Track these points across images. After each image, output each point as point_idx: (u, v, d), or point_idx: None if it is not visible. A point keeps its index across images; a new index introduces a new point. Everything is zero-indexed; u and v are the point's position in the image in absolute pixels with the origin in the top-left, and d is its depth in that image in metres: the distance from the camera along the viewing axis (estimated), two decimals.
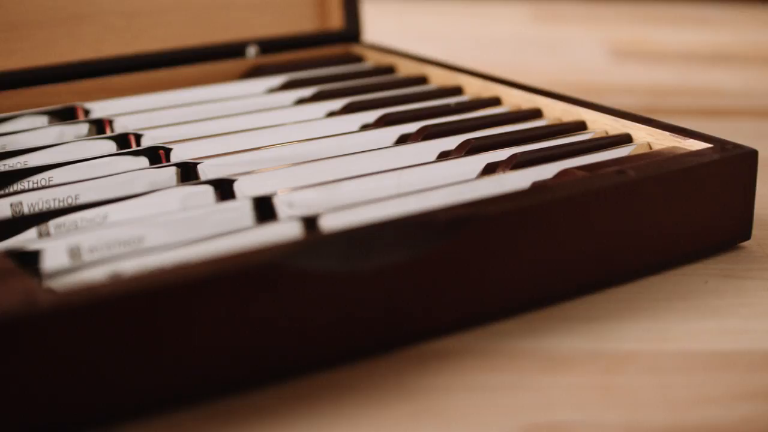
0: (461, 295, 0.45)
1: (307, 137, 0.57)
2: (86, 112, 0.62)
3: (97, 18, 0.67)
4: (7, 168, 0.54)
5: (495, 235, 0.45)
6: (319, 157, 0.54)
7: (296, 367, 0.42)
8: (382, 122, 0.60)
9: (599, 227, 0.48)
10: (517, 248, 0.46)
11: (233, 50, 0.71)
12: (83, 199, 0.49)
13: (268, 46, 0.73)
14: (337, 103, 0.63)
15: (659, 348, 0.45)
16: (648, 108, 0.78)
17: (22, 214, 0.48)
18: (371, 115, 0.61)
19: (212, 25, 0.71)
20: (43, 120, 0.61)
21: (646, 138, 0.57)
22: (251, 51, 0.71)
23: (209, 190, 0.49)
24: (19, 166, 0.54)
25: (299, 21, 0.74)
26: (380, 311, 0.43)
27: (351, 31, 0.75)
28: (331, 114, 0.62)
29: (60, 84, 0.65)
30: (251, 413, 0.40)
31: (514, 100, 0.64)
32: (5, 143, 0.57)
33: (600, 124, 0.59)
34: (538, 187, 0.49)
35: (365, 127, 0.60)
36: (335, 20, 0.75)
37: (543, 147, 0.55)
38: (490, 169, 0.54)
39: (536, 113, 0.63)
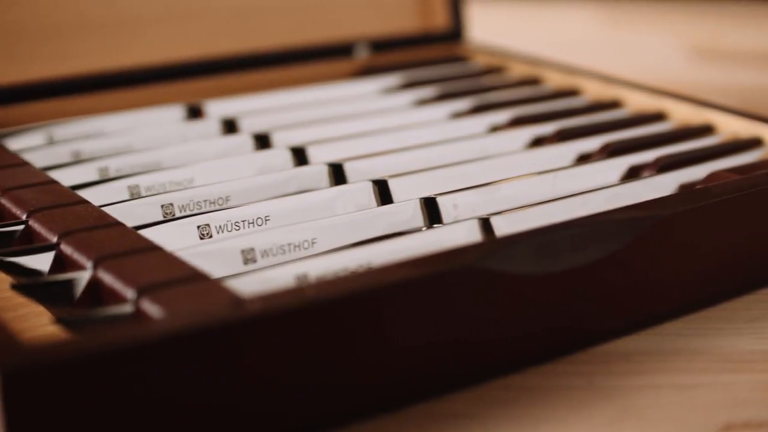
0: (635, 295, 0.44)
1: (441, 138, 0.56)
2: (200, 111, 0.60)
3: (209, 15, 0.66)
4: (140, 167, 0.52)
5: (669, 236, 0.44)
6: (461, 159, 0.53)
7: (488, 369, 0.41)
8: (514, 123, 0.59)
9: (761, 228, 0.47)
10: (688, 248, 0.45)
11: (339, 49, 0.70)
12: (235, 201, 0.48)
13: (373, 45, 0.71)
14: (459, 104, 0.61)
15: None
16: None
17: (173, 215, 0.47)
18: (497, 117, 0.59)
19: (317, 23, 0.70)
20: (165, 118, 0.59)
21: None
22: (361, 51, 0.70)
23: (367, 189, 0.48)
24: (151, 165, 0.53)
25: (402, 20, 0.73)
26: (565, 312, 0.42)
27: (455, 31, 0.73)
28: (457, 115, 0.61)
29: (173, 83, 0.64)
30: (447, 417, 0.39)
31: (636, 101, 0.63)
32: (131, 142, 0.55)
33: (728, 126, 0.58)
34: (707, 188, 0.48)
35: (495, 129, 0.58)
36: (438, 19, 0.74)
37: (686, 150, 0.54)
38: (633, 172, 0.53)
39: (660, 116, 0.61)
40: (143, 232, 0.43)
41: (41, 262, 0.42)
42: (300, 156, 0.53)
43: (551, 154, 0.54)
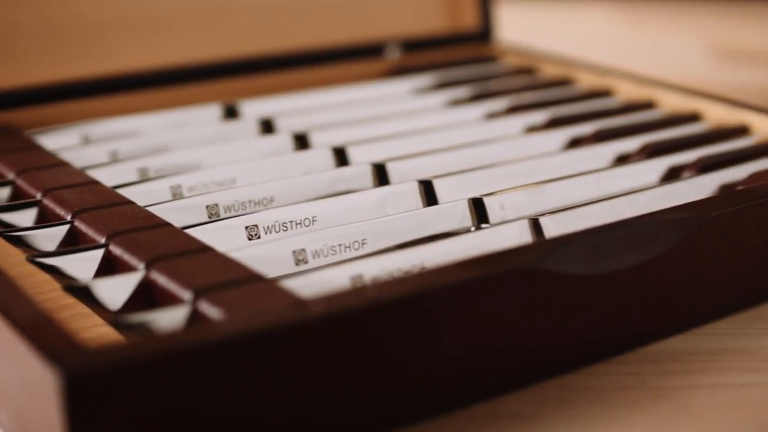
0: (683, 295, 0.44)
1: (478, 139, 0.56)
2: (235, 111, 0.60)
3: (240, 15, 0.65)
4: (180, 167, 0.52)
5: (716, 236, 0.44)
6: (500, 160, 0.53)
7: (542, 370, 0.41)
8: (551, 124, 0.58)
9: None
10: (734, 248, 0.45)
11: (370, 50, 0.69)
12: (280, 201, 0.47)
13: (403, 45, 0.71)
14: (493, 105, 0.61)
15: None
16: None
17: (218, 216, 0.46)
18: (533, 117, 0.59)
19: (348, 23, 0.69)
20: (201, 118, 0.59)
21: None
22: (392, 51, 0.69)
23: (413, 190, 0.47)
24: (191, 165, 0.52)
25: (431, 20, 0.73)
26: (616, 313, 0.42)
27: (485, 31, 0.73)
28: (493, 116, 0.60)
29: (204, 83, 0.63)
30: (506, 418, 0.39)
31: (669, 102, 0.63)
32: (168, 142, 0.55)
33: (762, 127, 0.58)
34: (753, 188, 0.48)
35: (532, 129, 0.58)
36: (467, 19, 0.73)
37: (725, 151, 0.54)
38: (673, 172, 0.53)
39: (695, 116, 0.61)
40: (190, 233, 0.43)
41: (89, 263, 0.41)
42: (341, 156, 0.52)
43: (590, 154, 0.54)
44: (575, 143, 0.56)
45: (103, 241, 0.42)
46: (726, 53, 0.98)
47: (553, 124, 0.58)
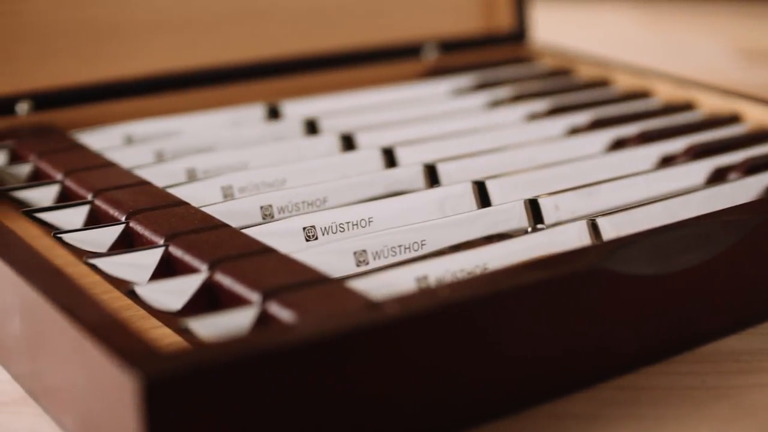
0: (739, 295, 0.44)
1: (523, 140, 0.56)
2: (277, 111, 0.60)
3: (278, 15, 0.65)
4: (228, 168, 0.52)
5: None
6: (547, 161, 0.53)
7: (604, 369, 0.41)
8: (594, 125, 0.58)
9: None
10: None
11: (407, 50, 0.69)
12: (333, 201, 0.47)
13: (440, 46, 0.71)
14: (534, 106, 0.61)
15: None
16: None
17: (272, 216, 0.46)
18: (575, 118, 0.59)
19: (385, 24, 0.69)
20: (245, 118, 0.59)
21: None
22: (429, 52, 0.69)
23: (467, 190, 0.47)
24: (238, 166, 0.52)
25: (466, 20, 0.72)
26: (674, 313, 0.42)
27: (519, 31, 0.73)
28: (534, 117, 0.60)
29: (243, 83, 0.63)
30: (570, 418, 0.39)
31: (709, 103, 0.63)
32: (213, 142, 0.55)
33: None
34: None
35: (575, 131, 0.58)
36: (502, 19, 0.73)
37: None
38: (719, 173, 0.53)
39: (735, 118, 0.61)
40: (247, 233, 0.43)
41: (147, 264, 0.41)
42: (389, 157, 0.52)
43: (635, 155, 0.54)
44: (619, 144, 0.56)
45: (161, 242, 0.42)
46: (750, 54, 0.98)
47: (596, 125, 0.58)
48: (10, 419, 0.39)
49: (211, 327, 0.36)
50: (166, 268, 0.41)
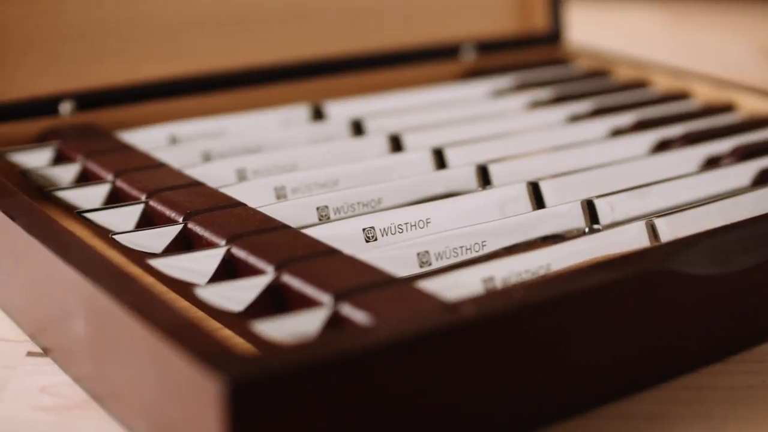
0: None
1: (567, 142, 0.56)
2: (321, 112, 0.60)
3: (317, 16, 0.65)
4: (277, 168, 0.52)
5: None
6: (594, 162, 0.53)
7: (668, 369, 0.41)
8: (638, 127, 0.58)
9: None
10: None
11: (445, 51, 0.69)
12: (387, 203, 0.47)
13: (477, 47, 0.71)
14: (576, 107, 0.61)
15: None
16: None
17: (328, 218, 0.46)
18: (618, 120, 0.59)
19: (423, 25, 0.69)
20: (290, 118, 0.58)
21: None
22: (467, 52, 0.69)
23: (522, 191, 0.47)
24: (288, 166, 0.52)
25: (502, 21, 0.72)
26: (734, 313, 0.42)
27: (555, 33, 0.73)
28: (577, 118, 0.60)
29: (284, 83, 0.63)
30: (639, 417, 0.39)
31: (747, 104, 0.63)
32: (259, 142, 0.54)
33: None
34: None
35: (619, 132, 0.58)
36: (538, 20, 0.73)
37: None
38: (765, 175, 0.53)
39: None
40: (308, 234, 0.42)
41: (208, 265, 0.41)
42: (439, 157, 0.52)
43: (681, 157, 0.54)
44: (664, 146, 0.56)
45: (223, 243, 0.41)
46: None
47: (640, 126, 0.58)
48: (75, 423, 0.39)
49: (281, 329, 0.36)
50: (228, 270, 0.41)
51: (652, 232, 0.44)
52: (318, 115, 0.59)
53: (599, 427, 0.38)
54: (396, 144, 0.54)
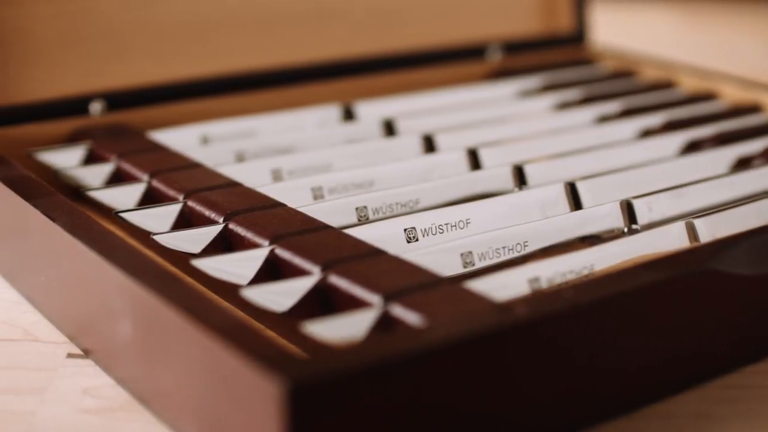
0: None
1: (598, 142, 0.56)
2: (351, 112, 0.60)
3: (344, 16, 0.65)
4: (312, 169, 0.52)
5: None
6: (627, 163, 0.53)
7: (710, 369, 0.41)
8: (668, 127, 0.58)
9: None
10: None
11: (471, 51, 0.69)
12: (425, 203, 0.47)
13: (503, 47, 0.71)
14: (604, 108, 0.61)
15: None
16: None
17: (367, 218, 0.46)
18: (647, 120, 0.59)
19: (450, 25, 0.69)
20: (321, 118, 0.58)
21: None
22: (494, 53, 0.69)
23: (559, 192, 0.47)
24: (323, 167, 0.52)
25: (527, 22, 0.72)
26: None
27: (579, 33, 0.73)
28: (606, 119, 0.60)
29: (312, 83, 0.63)
30: (684, 417, 0.39)
31: None
32: (292, 143, 0.54)
33: None
34: None
35: (648, 133, 0.58)
36: (562, 21, 0.73)
37: None
38: None
39: None
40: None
41: (251, 265, 0.41)
42: (474, 158, 0.52)
43: (713, 157, 0.54)
44: (694, 146, 0.56)
45: (266, 244, 0.41)
46: None
47: (670, 127, 0.58)
48: (121, 425, 0.39)
49: (331, 330, 0.36)
50: (272, 271, 0.41)
51: (692, 232, 0.44)
52: (348, 115, 0.59)
53: (643, 427, 0.38)
54: (429, 144, 0.54)
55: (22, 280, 0.48)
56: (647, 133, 0.58)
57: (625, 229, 0.46)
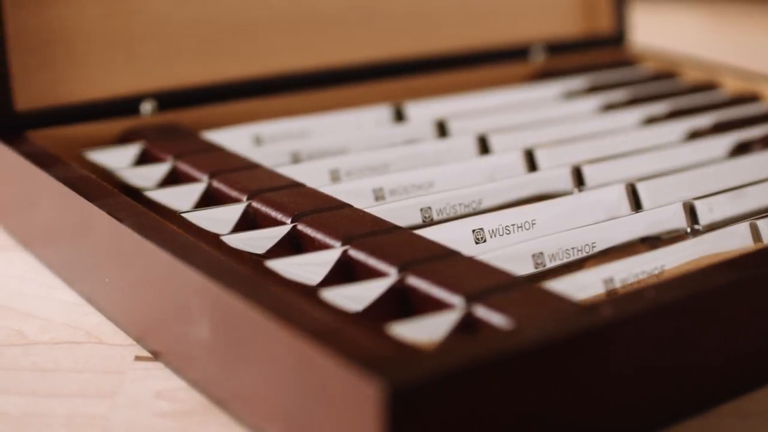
0: None
1: (648, 144, 0.56)
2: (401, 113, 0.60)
3: (389, 17, 0.65)
4: (370, 169, 0.52)
5: None
6: (679, 165, 0.53)
7: None
8: (716, 129, 0.59)
9: None
10: None
11: (514, 52, 0.70)
12: (487, 203, 0.47)
13: (545, 48, 0.71)
14: (651, 109, 0.61)
15: None
16: None
17: (431, 219, 0.46)
18: (694, 122, 0.59)
19: (493, 26, 0.69)
20: (372, 119, 0.59)
21: None
22: (537, 54, 0.69)
23: (621, 193, 0.48)
24: (380, 167, 0.52)
25: (568, 23, 0.73)
26: None
27: (620, 34, 0.73)
28: (653, 120, 0.60)
29: (357, 84, 0.63)
30: (756, 416, 0.39)
31: None
32: (347, 143, 0.54)
33: None
34: None
35: (696, 135, 0.58)
36: (603, 22, 0.73)
37: None
38: None
39: None
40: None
41: (324, 267, 0.41)
42: (530, 158, 0.52)
43: (764, 159, 0.54)
44: (743, 148, 0.56)
45: (338, 245, 0.41)
46: None
47: (718, 128, 0.58)
48: (198, 429, 0.39)
49: (414, 331, 0.36)
50: (344, 272, 0.41)
51: (756, 232, 0.45)
52: (399, 116, 0.59)
53: (717, 425, 0.39)
54: (483, 145, 0.55)
55: (82, 281, 0.48)
56: (695, 135, 0.58)
57: (688, 230, 0.46)
